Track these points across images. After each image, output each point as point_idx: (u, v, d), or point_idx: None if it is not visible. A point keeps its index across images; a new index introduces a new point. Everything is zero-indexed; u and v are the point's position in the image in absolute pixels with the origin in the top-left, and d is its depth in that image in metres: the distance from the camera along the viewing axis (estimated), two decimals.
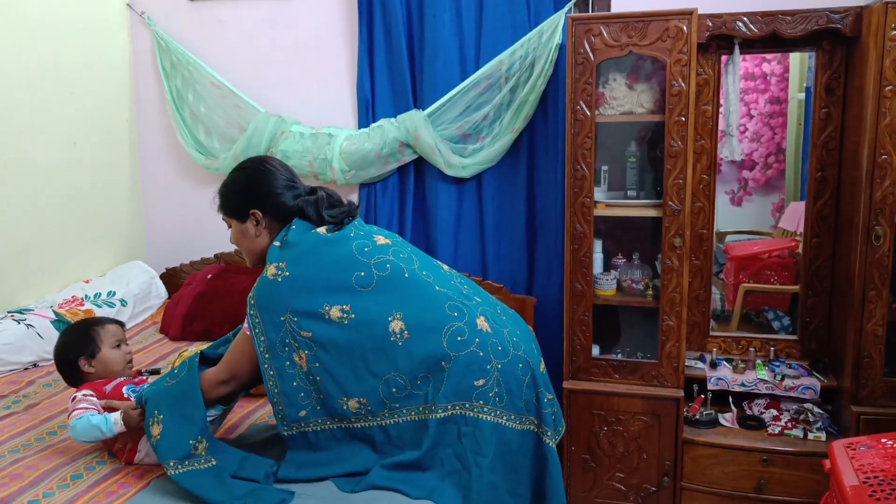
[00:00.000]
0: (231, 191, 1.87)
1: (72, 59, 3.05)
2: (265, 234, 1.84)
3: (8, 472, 1.80)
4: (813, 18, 2.36)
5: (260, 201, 1.82)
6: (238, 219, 1.85)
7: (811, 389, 2.50)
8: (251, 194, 1.83)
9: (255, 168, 1.88)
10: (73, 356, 1.99)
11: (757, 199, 2.91)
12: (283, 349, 1.72)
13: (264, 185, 1.83)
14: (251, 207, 1.82)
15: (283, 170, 1.88)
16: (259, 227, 1.83)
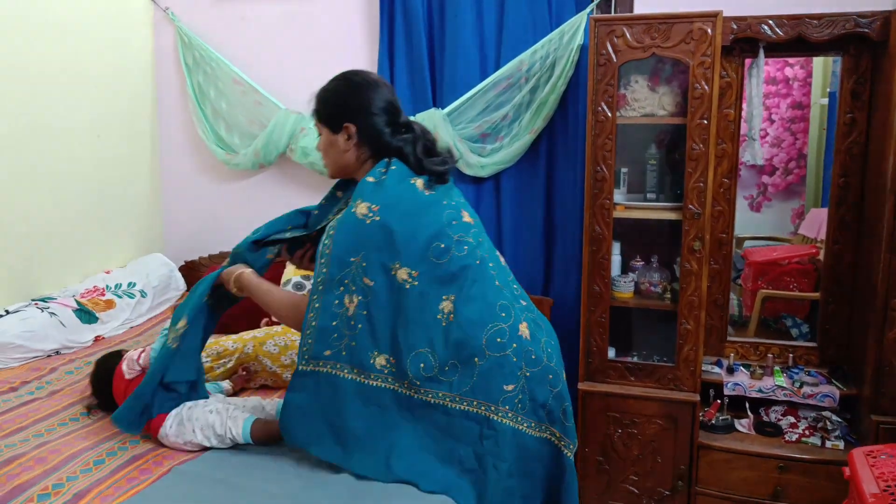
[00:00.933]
0: (329, 98, 1.80)
1: (96, 54, 3.08)
2: (353, 152, 1.77)
3: (32, 456, 1.83)
4: (840, 22, 2.35)
5: (356, 116, 1.75)
6: (330, 128, 1.79)
7: (830, 397, 2.48)
8: (349, 106, 1.76)
9: (359, 81, 1.80)
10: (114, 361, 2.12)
11: (776, 205, 2.90)
12: (339, 288, 1.68)
13: (364, 100, 1.76)
14: (346, 120, 1.75)
15: (386, 91, 1.80)
16: (350, 142, 1.76)
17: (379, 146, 1.77)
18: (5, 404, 2.18)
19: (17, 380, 2.37)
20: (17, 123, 2.70)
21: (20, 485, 1.69)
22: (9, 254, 2.70)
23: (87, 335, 2.76)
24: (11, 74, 2.67)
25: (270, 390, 2.38)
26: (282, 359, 2.37)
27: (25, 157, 2.75)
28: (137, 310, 3.04)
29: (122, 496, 1.67)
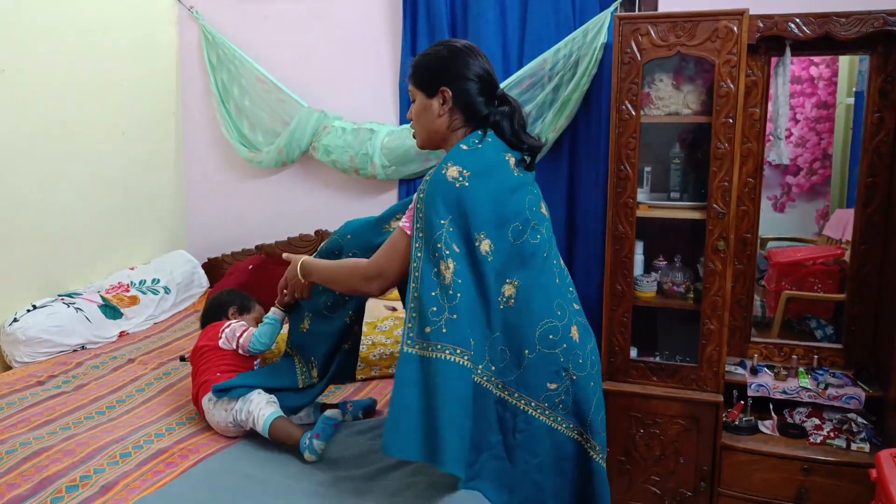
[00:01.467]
0: (428, 62, 1.75)
1: (121, 52, 3.12)
2: (446, 118, 1.73)
3: (60, 448, 1.86)
4: (868, 21, 2.32)
5: (452, 81, 1.71)
6: (426, 92, 1.74)
7: (855, 399, 2.45)
8: (446, 70, 1.71)
9: (459, 47, 1.75)
10: (227, 304, 2.32)
11: (800, 206, 2.87)
12: (434, 254, 1.61)
13: (461, 65, 1.71)
14: (442, 84, 1.71)
15: (484, 61, 1.75)
16: (444, 107, 1.72)
17: (472, 114, 1.73)
18: (33, 398, 2.22)
19: (43, 374, 2.40)
20: (43, 122, 2.74)
21: (48, 476, 1.72)
22: (35, 250, 2.73)
23: (112, 331, 2.79)
24: (37, 74, 2.71)
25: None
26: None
27: (52, 155, 2.79)
28: (161, 306, 3.07)
29: (148, 488, 1.69)
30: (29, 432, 1.96)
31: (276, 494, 1.67)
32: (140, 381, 2.38)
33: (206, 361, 2.09)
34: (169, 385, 2.37)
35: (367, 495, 1.66)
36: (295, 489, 1.69)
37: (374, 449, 1.89)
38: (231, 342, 2.10)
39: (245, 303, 2.36)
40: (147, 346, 2.74)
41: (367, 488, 1.69)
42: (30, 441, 1.89)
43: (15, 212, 2.64)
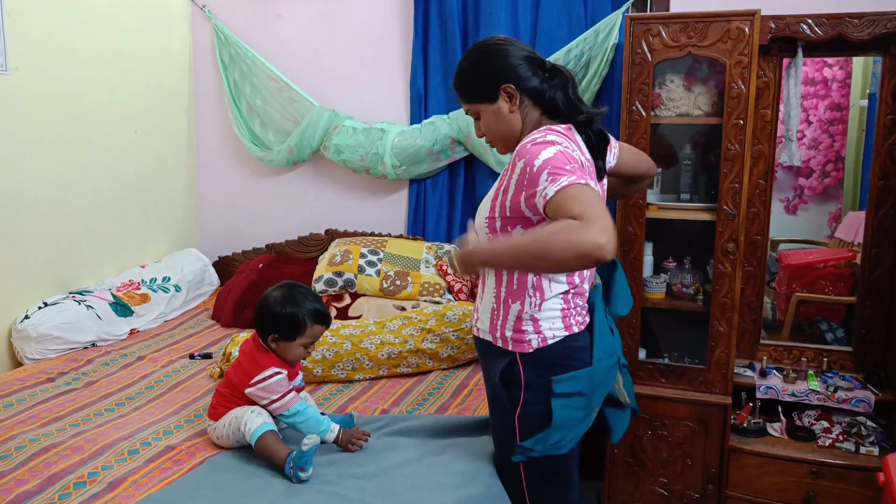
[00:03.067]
0: (473, 73, 1.66)
1: (134, 50, 3.14)
2: (518, 113, 1.63)
3: (69, 445, 1.87)
4: (881, 22, 2.30)
5: (508, 75, 1.61)
6: (488, 100, 1.63)
7: (865, 402, 2.44)
8: (496, 69, 1.62)
9: (491, 44, 1.67)
10: (270, 321, 1.89)
11: (812, 208, 2.85)
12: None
13: (507, 58, 1.63)
14: (502, 82, 1.61)
15: (518, 43, 1.68)
16: (513, 102, 1.62)
17: (538, 95, 1.64)
18: (43, 394, 2.24)
19: (54, 370, 2.42)
20: (55, 120, 2.76)
21: (57, 472, 1.74)
22: (47, 247, 2.76)
23: (123, 328, 2.81)
24: (50, 72, 2.73)
25: None
26: (313, 354, 2.38)
27: (64, 153, 2.81)
28: (172, 304, 3.09)
29: (156, 485, 1.70)
30: (38, 428, 1.98)
31: (282, 492, 1.67)
32: (150, 379, 2.40)
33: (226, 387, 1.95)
34: (178, 383, 2.38)
35: (371, 493, 1.67)
36: (301, 487, 1.70)
37: (378, 447, 1.89)
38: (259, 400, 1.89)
39: (290, 333, 1.89)
40: (157, 343, 2.76)
41: (372, 486, 1.70)
42: (39, 437, 1.91)
43: (27, 210, 2.66)
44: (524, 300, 1.63)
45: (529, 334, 1.64)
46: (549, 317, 1.65)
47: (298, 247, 3.36)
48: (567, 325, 1.67)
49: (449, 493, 1.67)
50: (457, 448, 1.88)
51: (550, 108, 1.64)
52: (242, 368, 1.91)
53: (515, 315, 1.64)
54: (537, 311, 1.64)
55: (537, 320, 1.64)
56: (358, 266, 2.97)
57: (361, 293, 2.95)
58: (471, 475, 1.75)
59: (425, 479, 1.73)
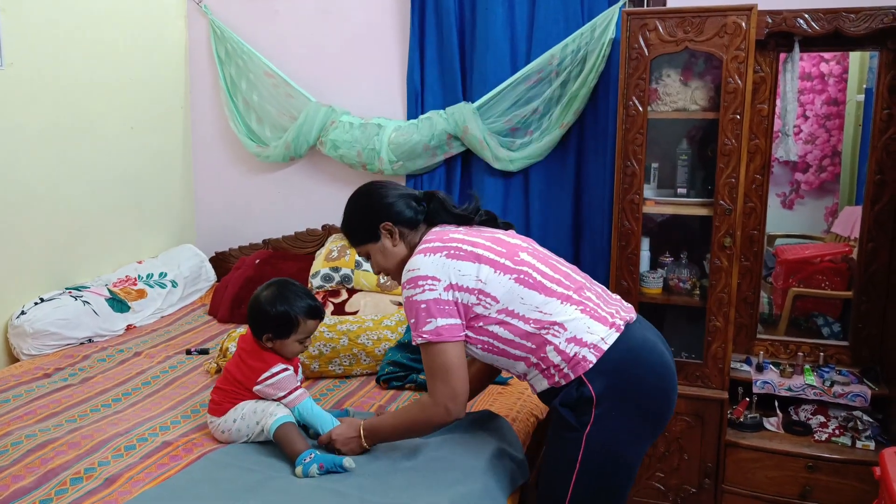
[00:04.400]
0: (355, 221, 1.85)
1: (130, 46, 3.12)
2: (401, 244, 1.80)
3: (65, 441, 1.87)
4: (878, 16, 2.30)
5: (383, 215, 1.79)
6: (372, 240, 1.81)
7: (861, 397, 2.44)
8: (372, 212, 1.80)
9: (365, 189, 1.87)
10: (264, 326, 1.90)
11: (809, 203, 2.86)
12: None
13: (380, 198, 1.82)
14: (380, 222, 1.79)
15: (391, 183, 1.89)
16: (394, 237, 1.80)
17: (414, 223, 1.81)
18: (39, 390, 2.23)
19: (50, 366, 2.42)
20: (52, 116, 2.75)
21: (53, 468, 1.73)
22: (43, 243, 2.75)
23: (120, 324, 2.81)
24: (46, 69, 2.72)
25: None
26: (310, 349, 2.38)
27: (60, 150, 2.80)
28: (168, 300, 3.09)
29: (152, 481, 1.70)
30: (35, 424, 1.98)
31: (279, 489, 1.67)
32: (146, 375, 2.39)
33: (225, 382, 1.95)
34: (175, 378, 2.38)
35: (369, 490, 1.67)
36: (298, 484, 1.70)
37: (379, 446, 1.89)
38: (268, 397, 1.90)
39: (283, 331, 1.90)
40: (154, 339, 2.76)
41: (370, 484, 1.70)
42: (35, 433, 1.91)
43: (23, 205, 2.65)
44: (548, 339, 1.64)
45: (581, 352, 1.62)
46: (580, 327, 1.64)
47: (295, 242, 3.36)
48: (604, 320, 1.66)
49: (446, 490, 1.67)
50: (454, 445, 1.87)
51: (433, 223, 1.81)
52: (247, 365, 1.91)
53: (556, 352, 1.64)
54: (565, 332, 1.64)
55: (575, 337, 1.63)
56: (355, 261, 2.97)
57: (358, 289, 2.95)
58: (468, 472, 1.75)
59: (423, 476, 1.73)
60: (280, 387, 1.88)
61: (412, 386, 2.33)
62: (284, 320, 1.88)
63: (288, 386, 1.89)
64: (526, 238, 1.83)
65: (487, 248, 1.70)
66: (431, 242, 1.71)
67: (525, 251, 1.73)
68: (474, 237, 1.73)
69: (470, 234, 1.74)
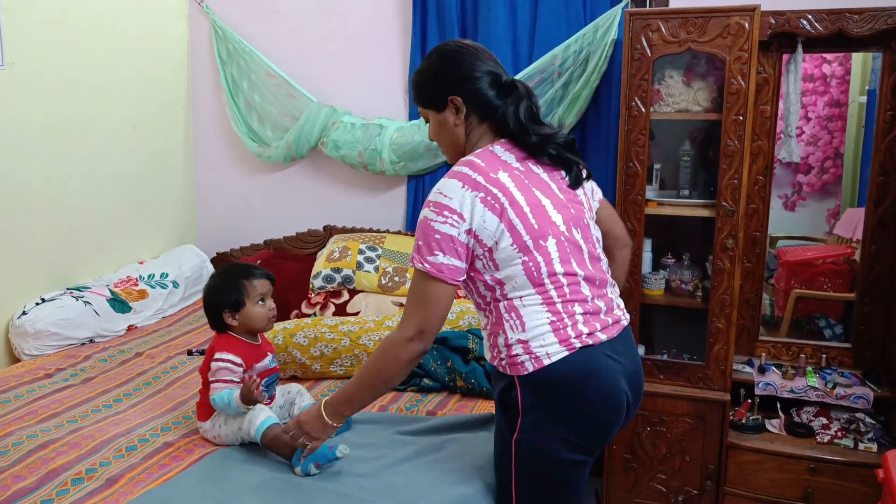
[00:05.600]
0: (425, 77, 1.66)
1: (132, 46, 3.12)
2: (463, 127, 1.63)
3: (67, 441, 1.86)
4: (882, 17, 2.30)
5: (458, 87, 1.61)
6: (435, 108, 1.65)
7: (864, 399, 2.44)
8: (448, 78, 1.62)
9: (452, 50, 1.66)
10: (217, 306, 1.91)
11: (811, 205, 2.85)
12: None
13: (462, 68, 1.62)
14: (449, 94, 1.61)
15: (482, 53, 1.66)
16: (459, 115, 1.62)
17: (488, 112, 1.63)
18: (41, 390, 2.23)
19: (52, 367, 2.41)
20: (53, 116, 2.75)
21: (55, 469, 1.73)
22: (44, 243, 2.75)
23: (121, 324, 2.80)
24: (48, 68, 2.71)
25: (298, 381, 2.40)
26: (311, 350, 2.38)
27: (61, 149, 2.80)
28: (170, 300, 3.08)
29: (154, 482, 1.69)
30: (36, 425, 1.97)
31: (280, 490, 1.67)
32: (147, 375, 2.39)
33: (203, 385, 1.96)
34: (176, 379, 2.37)
35: (370, 491, 1.66)
36: (300, 485, 1.69)
37: (377, 445, 1.89)
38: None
39: (235, 297, 1.90)
40: (155, 339, 2.75)
41: (370, 484, 1.70)
42: (36, 433, 1.90)
43: (24, 205, 2.65)
44: (505, 327, 1.57)
45: (521, 356, 1.54)
46: (537, 333, 1.54)
47: (296, 243, 3.35)
48: (563, 340, 1.54)
49: (447, 491, 1.66)
50: (455, 445, 1.87)
51: (501, 125, 1.62)
52: (207, 357, 1.92)
53: (503, 344, 1.56)
54: (521, 332, 1.55)
55: (525, 341, 1.54)
56: (356, 262, 2.97)
57: (360, 289, 2.94)
58: (469, 472, 1.75)
59: (424, 476, 1.73)
60: (213, 374, 1.86)
61: (414, 389, 2.32)
62: (231, 288, 1.89)
63: (217, 376, 1.85)
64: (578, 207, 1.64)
65: (523, 214, 1.54)
66: (477, 171, 1.54)
67: (557, 237, 1.56)
68: (521, 192, 1.55)
69: (520, 185, 1.56)
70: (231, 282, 1.91)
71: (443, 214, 1.51)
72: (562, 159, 1.64)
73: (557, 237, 1.57)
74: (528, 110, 1.61)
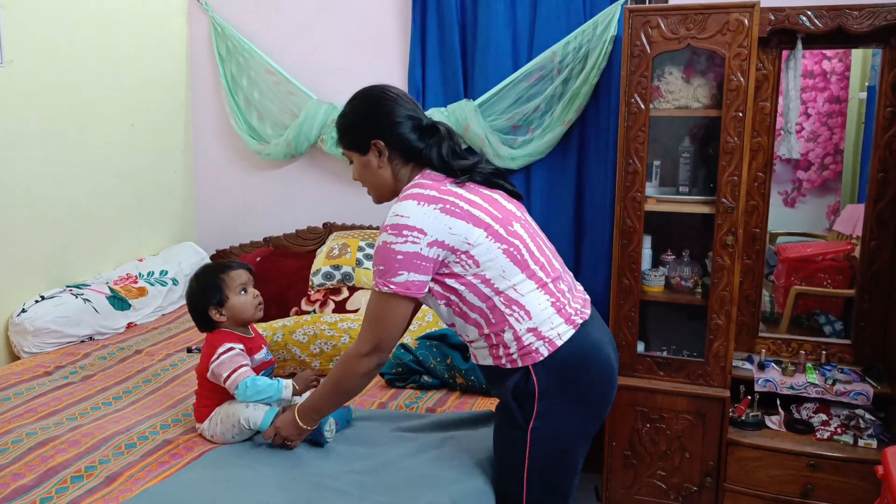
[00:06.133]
0: (350, 121, 1.73)
1: (131, 43, 3.12)
2: (388, 168, 1.70)
3: (66, 439, 1.86)
4: (881, 13, 2.30)
5: (380, 131, 1.67)
6: (359, 151, 1.71)
7: (863, 395, 2.44)
8: (371, 122, 1.69)
9: (375, 95, 1.72)
10: (202, 306, 1.92)
11: (811, 201, 2.85)
12: None
13: (384, 113, 1.68)
14: (372, 137, 1.67)
15: (404, 98, 1.72)
16: (382, 158, 1.68)
17: (410, 154, 1.70)
18: (40, 388, 2.23)
19: (51, 364, 2.41)
20: (52, 113, 2.75)
21: (54, 466, 1.73)
22: (44, 240, 2.75)
23: (120, 322, 2.80)
24: (47, 66, 2.71)
25: None
26: (311, 348, 2.38)
27: (61, 146, 2.79)
28: (169, 297, 3.08)
29: (153, 479, 1.70)
30: (35, 422, 1.98)
31: (279, 486, 1.67)
32: (147, 373, 2.39)
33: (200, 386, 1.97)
34: (176, 376, 2.38)
35: (370, 488, 1.66)
36: (299, 481, 1.70)
37: (377, 442, 1.89)
38: (218, 380, 1.88)
39: (217, 294, 1.91)
40: (154, 337, 2.76)
41: (371, 481, 1.70)
42: (36, 431, 1.90)
43: (24, 203, 2.65)
44: (510, 322, 1.61)
45: (535, 343, 1.60)
46: (545, 318, 1.61)
47: (296, 240, 3.35)
48: (567, 318, 1.63)
49: (448, 488, 1.67)
50: (455, 442, 1.87)
51: (426, 164, 1.68)
52: (202, 358, 1.92)
53: (512, 338, 1.61)
54: (529, 320, 1.61)
55: (535, 328, 1.60)
56: (356, 259, 2.97)
57: (359, 287, 2.94)
58: (469, 469, 1.75)
59: (424, 473, 1.73)
60: (225, 365, 1.84)
61: (413, 386, 2.32)
62: (210, 286, 1.91)
63: (231, 364, 1.84)
64: (520, 205, 1.76)
65: (484, 209, 1.62)
66: (427, 189, 1.61)
67: (518, 221, 1.67)
68: (472, 194, 1.64)
69: (468, 189, 1.65)
70: (209, 280, 1.93)
71: (402, 234, 1.57)
72: (492, 183, 1.72)
73: (519, 221, 1.68)
74: (450, 149, 1.68)
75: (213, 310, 1.91)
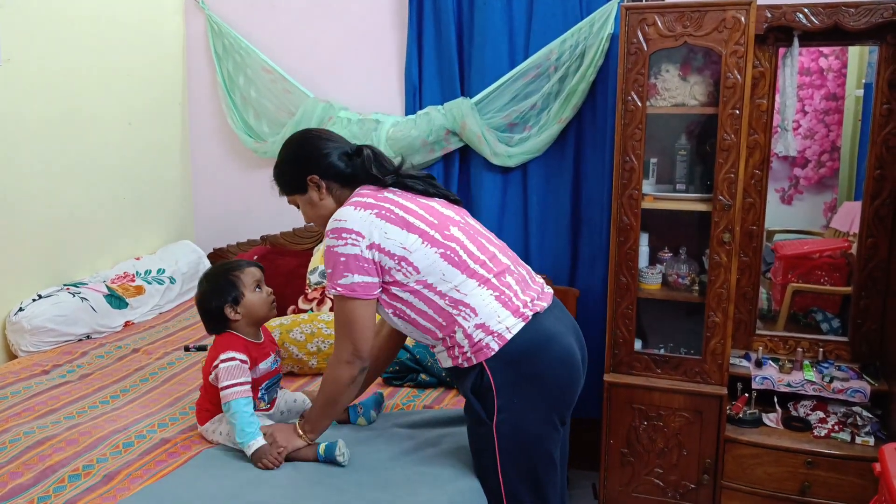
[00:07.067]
0: (283, 168, 1.84)
1: (128, 42, 3.11)
2: (328, 198, 1.80)
3: (63, 438, 1.86)
4: (878, 11, 2.30)
5: (312, 166, 1.78)
6: (300, 191, 1.82)
7: (861, 393, 2.44)
8: (301, 162, 1.80)
9: (298, 137, 1.86)
10: (217, 305, 1.89)
11: (808, 198, 2.85)
12: None
13: (311, 149, 1.81)
14: (307, 174, 1.78)
15: (325, 133, 1.87)
16: (321, 191, 1.79)
17: (345, 179, 1.80)
18: (37, 387, 2.23)
19: (48, 363, 2.41)
20: (49, 112, 2.74)
21: (51, 465, 1.73)
22: (41, 239, 2.74)
23: (118, 320, 2.80)
24: (43, 63, 2.71)
25: (295, 377, 2.40)
26: (308, 346, 2.38)
27: (58, 145, 2.79)
28: (166, 296, 3.08)
29: (151, 478, 1.70)
30: (33, 421, 1.97)
31: (278, 484, 1.67)
32: (144, 371, 2.39)
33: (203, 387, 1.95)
34: (173, 375, 2.38)
35: (368, 486, 1.67)
36: (298, 479, 1.70)
37: (375, 439, 1.89)
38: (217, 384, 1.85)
39: (232, 293, 1.89)
40: (152, 335, 2.75)
41: (369, 479, 1.70)
42: (33, 430, 1.90)
43: (20, 201, 2.64)
44: (459, 322, 1.67)
45: (484, 339, 1.65)
46: (490, 312, 1.66)
47: (293, 238, 3.35)
48: (515, 311, 1.68)
49: (445, 485, 1.67)
50: (453, 439, 1.88)
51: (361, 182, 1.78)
52: (208, 360, 1.90)
53: (463, 336, 1.67)
54: (476, 317, 1.66)
55: (483, 324, 1.66)
56: None
57: None
58: (467, 467, 1.75)
59: (422, 471, 1.73)
60: (221, 376, 1.82)
61: (411, 384, 2.32)
62: (225, 285, 1.89)
63: (227, 377, 1.81)
64: (460, 210, 1.83)
65: (419, 216, 1.70)
66: (365, 197, 1.71)
67: (456, 225, 1.73)
68: (408, 202, 1.72)
69: (405, 197, 1.73)
70: (222, 279, 1.91)
71: (342, 237, 1.65)
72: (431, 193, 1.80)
73: (457, 224, 1.74)
74: (378, 165, 1.78)
75: (229, 308, 1.88)
